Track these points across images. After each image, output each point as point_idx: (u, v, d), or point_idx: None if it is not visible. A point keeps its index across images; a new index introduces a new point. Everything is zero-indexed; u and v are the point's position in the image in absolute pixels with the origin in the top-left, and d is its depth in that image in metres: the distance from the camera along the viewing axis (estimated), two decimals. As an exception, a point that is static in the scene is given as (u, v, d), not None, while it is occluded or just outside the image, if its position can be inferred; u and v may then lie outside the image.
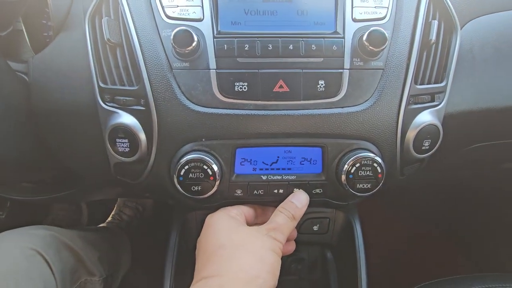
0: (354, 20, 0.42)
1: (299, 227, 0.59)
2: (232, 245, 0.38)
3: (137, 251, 0.93)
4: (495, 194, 0.94)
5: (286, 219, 0.42)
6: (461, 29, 0.50)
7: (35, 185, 0.70)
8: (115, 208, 1.10)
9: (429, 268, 0.99)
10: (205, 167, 0.41)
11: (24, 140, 0.50)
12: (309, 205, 0.55)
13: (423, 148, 0.46)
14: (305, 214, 0.58)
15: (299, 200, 0.45)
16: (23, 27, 0.51)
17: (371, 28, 0.40)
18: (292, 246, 0.50)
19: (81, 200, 1.06)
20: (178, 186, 0.42)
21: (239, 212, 0.44)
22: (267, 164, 0.45)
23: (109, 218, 1.06)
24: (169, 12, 0.42)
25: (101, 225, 1.03)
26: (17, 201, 0.90)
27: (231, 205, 0.46)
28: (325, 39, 0.41)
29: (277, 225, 0.41)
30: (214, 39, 0.41)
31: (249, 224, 0.45)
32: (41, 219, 1.07)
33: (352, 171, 0.42)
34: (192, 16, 0.41)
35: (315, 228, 0.60)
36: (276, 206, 0.45)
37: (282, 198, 0.46)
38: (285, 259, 0.66)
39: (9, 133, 0.47)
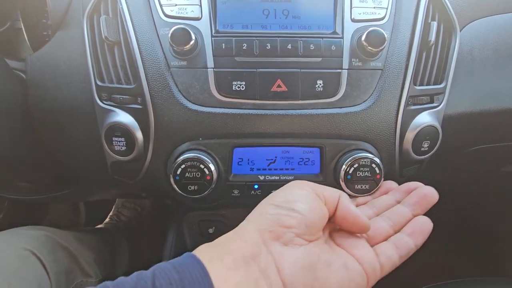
0: (353, 20, 0.42)
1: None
2: None
3: (135, 253, 0.92)
4: (497, 197, 0.93)
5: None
6: (460, 30, 0.50)
7: (31, 184, 0.69)
8: (113, 208, 1.10)
9: (431, 271, 0.98)
10: (202, 166, 0.41)
11: (20, 139, 0.50)
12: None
13: (422, 149, 0.46)
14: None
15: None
16: (22, 26, 0.51)
17: (370, 29, 0.40)
18: (426, 221, 0.35)
19: (79, 200, 1.06)
20: (175, 185, 0.42)
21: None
22: (265, 164, 0.45)
23: (107, 219, 1.06)
24: (167, 10, 0.41)
25: (98, 226, 1.02)
26: (15, 201, 0.89)
27: (228, 205, 0.46)
28: (323, 39, 0.41)
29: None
30: (212, 38, 0.41)
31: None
32: (40, 219, 1.06)
33: (350, 171, 0.42)
34: (190, 14, 0.41)
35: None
36: None
37: None
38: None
39: (5, 131, 0.46)
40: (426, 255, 1.03)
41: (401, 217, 0.36)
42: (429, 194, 0.37)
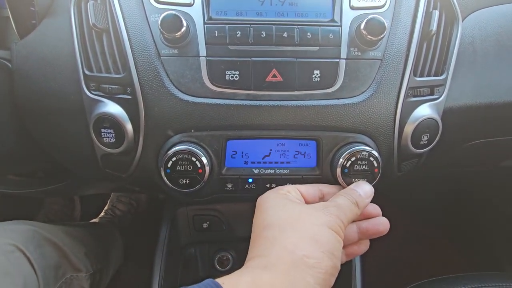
0: (352, 7, 0.41)
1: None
2: (278, 224, 0.34)
3: (130, 247, 0.91)
4: (494, 192, 0.93)
5: (348, 202, 0.37)
6: (462, 21, 0.48)
7: (23, 178, 0.68)
8: (108, 203, 1.09)
9: (426, 266, 0.98)
10: (193, 159, 0.40)
11: (7, 131, 0.48)
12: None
13: (421, 142, 0.44)
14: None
15: (362, 189, 0.39)
16: (10, 14, 0.49)
17: (369, 16, 0.38)
18: (365, 246, 0.42)
19: (72, 194, 1.05)
20: (165, 179, 0.40)
21: (292, 190, 0.40)
22: (259, 157, 0.43)
23: (102, 213, 1.04)
24: (158, -5, 0.40)
25: (93, 220, 1.01)
26: (8, 195, 0.88)
27: (221, 200, 0.45)
28: (321, 27, 0.40)
29: (336, 203, 0.36)
30: (205, 25, 0.39)
31: (311, 203, 0.40)
32: (34, 214, 1.05)
33: (348, 165, 0.41)
34: (181, 0, 0.39)
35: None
36: None
37: None
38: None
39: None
40: (422, 251, 1.03)
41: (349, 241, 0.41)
42: (383, 231, 0.40)
